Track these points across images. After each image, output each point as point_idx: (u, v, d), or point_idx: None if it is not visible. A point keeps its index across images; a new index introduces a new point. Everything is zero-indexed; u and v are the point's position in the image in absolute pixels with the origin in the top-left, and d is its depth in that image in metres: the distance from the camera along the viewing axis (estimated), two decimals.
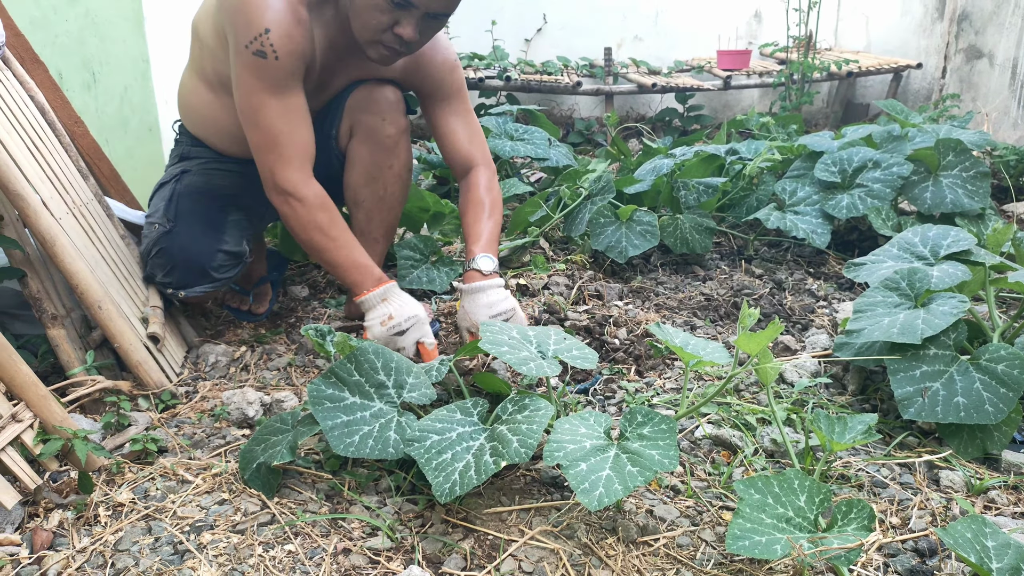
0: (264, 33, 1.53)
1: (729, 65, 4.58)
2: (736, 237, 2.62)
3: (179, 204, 1.78)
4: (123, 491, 1.30)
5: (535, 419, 1.23)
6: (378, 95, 1.80)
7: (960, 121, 3.10)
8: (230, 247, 1.78)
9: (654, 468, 1.14)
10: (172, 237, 1.75)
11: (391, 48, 1.62)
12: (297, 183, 1.62)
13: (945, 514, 1.29)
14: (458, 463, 1.20)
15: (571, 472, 1.15)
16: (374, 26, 1.58)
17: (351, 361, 1.35)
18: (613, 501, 1.10)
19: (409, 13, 1.56)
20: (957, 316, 1.48)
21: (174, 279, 1.77)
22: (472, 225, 1.82)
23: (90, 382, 1.50)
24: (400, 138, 1.84)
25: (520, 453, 1.17)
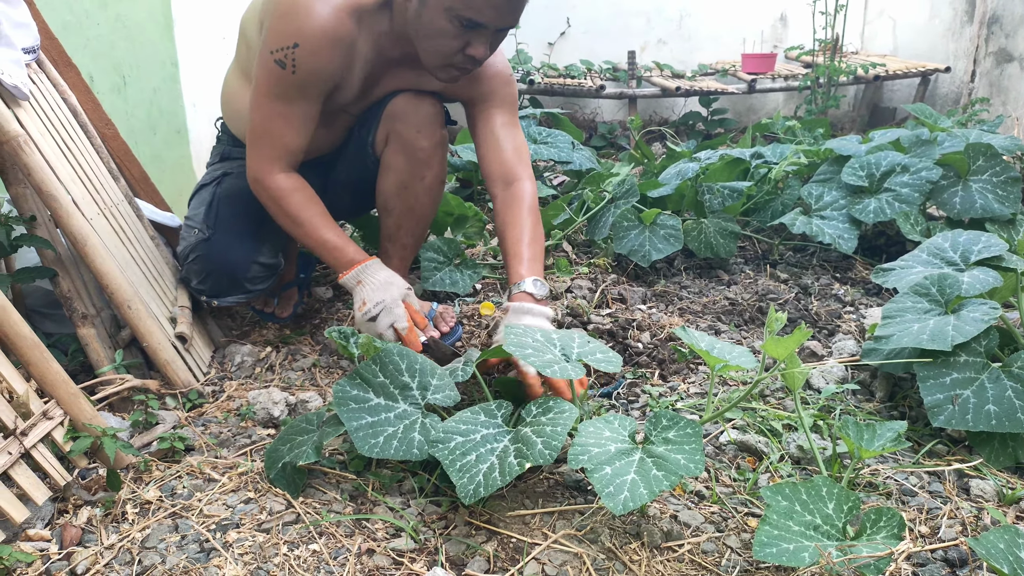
0: (292, 47, 1.53)
1: (754, 68, 4.55)
2: (761, 241, 2.60)
3: (219, 211, 1.79)
4: (150, 489, 1.31)
5: (559, 421, 1.23)
6: (417, 107, 1.78)
7: (990, 125, 3.05)
8: (265, 259, 1.79)
9: (679, 472, 1.13)
10: (210, 245, 1.76)
11: (462, 69, 1.62)
12: (265, 173, 1.65)
13: (976, 524, 1.26)
14: (482, 464, 1.20)
15: (596, 476, 1.14)
16: (446, 52, 1.57)
17: (376, 363, 1.36)
18: (638, 505, 1.10)
19: (480, 33, 1.54)
20: (988, 323, 1.46)
21: (208, 287, 1.78)
22: (518, 243, 1.71)
23: (119, 381, 1.52)
24: (435, 151, 1.83)
25: (544, 455, 1.17)
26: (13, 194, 1.55)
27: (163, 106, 2.72)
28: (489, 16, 1.51)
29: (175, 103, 2.81)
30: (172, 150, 2.80)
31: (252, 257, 1.78)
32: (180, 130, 2.85)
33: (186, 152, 2.89)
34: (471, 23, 1.51)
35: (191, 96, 2.89)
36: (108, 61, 2.38)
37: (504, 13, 1.52)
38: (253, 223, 1.80)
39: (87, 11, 2.25)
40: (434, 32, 1.54)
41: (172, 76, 2.78)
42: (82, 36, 2.22)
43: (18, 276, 1.55)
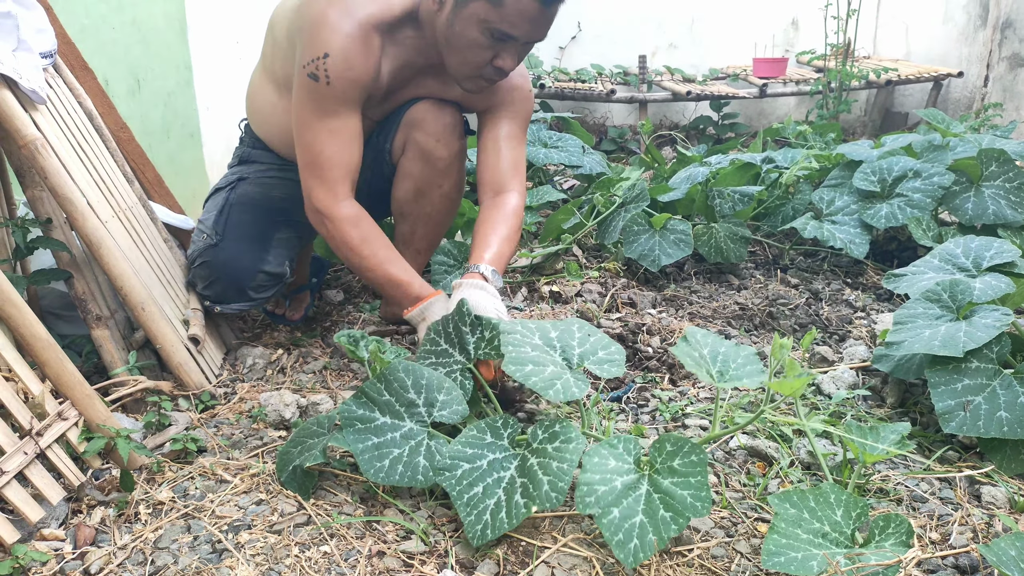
0: (323, 57, 1.53)
1: (765, 73, 4.55)
2: (771, 246, 2.59)
3: (229, 217, 1.80)
4: (163, 490, 1.33)
5: (566, 454, 1.21)
6: (436, 115, 1.78)
7: (1003, 131, 3.04)
8: (272, 268, 1.78)
9: (687, 514, 1.11)
10: (216, 252, 1.77)
11: (490, 79, 1.65)
12: (329, 203, 1.63)
13: (987, 531, 1.26)
14: (489, 499, 1.20)
15: (604, 522, 1.12)
16: (475, 62, 1.59)
17: (380, 381, 1.35)
18: (649, 556, 1.08)
19: (510, 45, 1.57)
20: (1000, 329, 1.45)
21: (213, 293, 1.79)
22: (489, 235, 1.72)
23: (132, 382, 1.54)
24: (453, 161, 1.84)
25: (551, 497, 1.16)
26: (29, 197, 1.57)
27: (177, 109, 2.74)
28: (522, 30, 1.53)
29: (189, 106, 2.83)
30: (186, 153, 2.82)
31: (258, 266, 1.78)
32: (194, 133, 2.87)
33: (199, 155, 2.91)
34: (503, 36, 1.54)
35: (205, 99, 2.92)
36: (123, 65, 2.40)
37: (537, 27, 1.55)
38: (262, 231, 1.81)
39: (103, 15, 2.27)
40: (465, 43, 1.56)
41: (186, 80, 2.81)
42: (98, 40, 2.24)
43: (34, 278, 1.57)
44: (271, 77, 1.79)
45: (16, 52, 1.54)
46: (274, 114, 1.81)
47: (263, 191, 1.85)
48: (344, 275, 2.41)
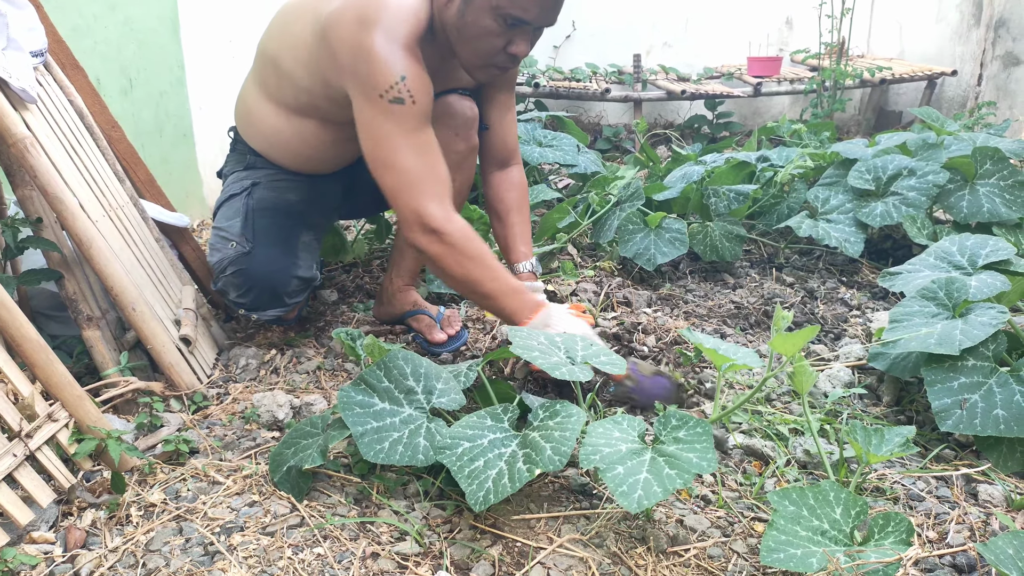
0: (401, 81, 1.50)
1: (760, 72, 4.55)
2: (767, 245, 2.59)
3: (256, 223, 1.77)
4: (155, 491, 1.31)
5: (567, 425, 1.22)
6: (457, 110, 1.79)
7: (997, 129, 3.04)
8: (303, 272, 1.78)
9: (692, 471, 1.12)
10: (251, 259, 1.74)
11: (503, 67, 1.64)
12: (443, 220, 1.53)
13: (984, 529, 1.26)
14: (491, 470, 1.19)
15: (608, 475, 1.13)
16: (488, 50, 1.58)
17: (380, 368, 1.36)
18: (653, 503, 1.09)
19: (523, 31, 1.56)
20: (996, 327, 1.45)
21: (249, 300, 1.77)
22: (522, 225, 1.89)
23: (123, 383, 1.52)
24: (468, 155, 1.84)
25: (554, 460, 1.16)
26: (20, 196, 1.55)
27: (170, 109, 2.73)
28: (534, 14, 1.53)
29: (182, 106, 2.82)
30: (178, 152, 2.80)
31: (291, 271, 1.76)
32: (186, 133, 2.86)
33: (192, 155, 2.90)
34: (516, 21, 1.53)
35: (197, 99, 2.90)
36: (116, 64, 2.38)
37: (548, 10, 1.55)
38: (288, 236, 1.80)
39: (95, 14, 2.26)
40: (478, 32, 1.55)
41: (179, 79, 2.79)
42: (90, 39, 2.23)
43: (24, 278, 1.56)
44: (277, 102, 1.76)
45: (6, 51, 1.53)
46: (281, 137, 1.80)
47: (279, 195, 1.83)
48: (337, 275, 2.40)
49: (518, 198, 1.90)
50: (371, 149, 1.56)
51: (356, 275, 2.38)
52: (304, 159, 1.83)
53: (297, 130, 1.77)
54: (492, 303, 1.57)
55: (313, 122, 1.75)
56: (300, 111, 1.74)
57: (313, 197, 1.87)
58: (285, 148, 1.82)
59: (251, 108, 1.83)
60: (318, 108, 1.71)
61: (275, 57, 1.72)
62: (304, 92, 1.69)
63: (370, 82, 1.51)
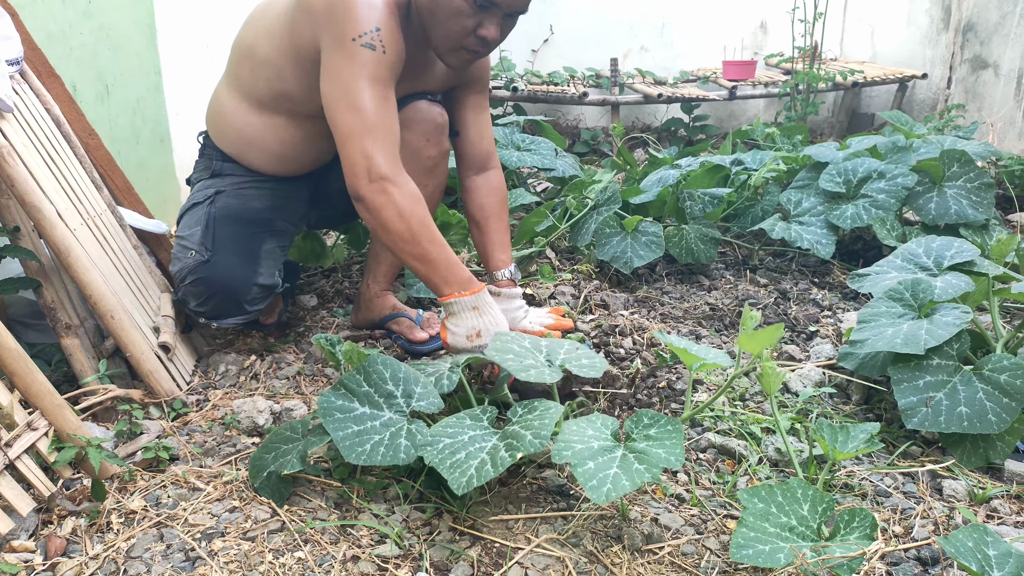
0: (375, 30, 1.53)
1: (734, 75, 4.61)
2: (741, 247, 2.63)
3: (216, 231, 1.77)
4: (135, 498, 1.32)
5: (546, 416, 1.25)
6: (426, 115, 1.80)
7: (965, 132, 3.11)
8: (264, 280, 1.78)
9: (660, 465, 1.15)
10: (210, 268, 1.74)
11: (473, 51, 1.64)
12: (396, 169, 1.53)
13: (948, 523, 1.30)
14: (472, 460, 1.21)
15: (579, 470, 1.16)
16: (458, 32, 1.60)
17: (360, 372, 1.37)
18: (620, 495, 1.11)
19: (492, 14, 1.58)
20: (960, 327, 1.49)
21: (208, 309, 1.77)
22: (501, 232, 1.90)
23: (103, 391, 1.53)
24: (440, 160, 1.86)
25: (535, 444, 1.18)
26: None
27: (147, 115, 2.72)
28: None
29: (159, 112, 2.81)
30: (156, 158, 2.80)
31: (252, 279, 1.76)
32: (164, 138, 2.85)
33: (170, 160, 2.89)
34: (486, 2, 1.55)
35: (175, 105, 2.90)
36: (92, 70, 2.38)
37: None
38: (251, 244, 1.80)
39: (71, 21, 2.25)
40: (449, 11, 1.57)
41: (156, 85, 2.79)
42: (66, 46, 2.22)
43: (2, 287, 1.56)
44: (249, 97, 1.78)
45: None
46: (253, 134, 1.80)
47: (243, 203, 1.83)
48: (317, 280, 2.41)
49: (497, 204, 1.92)
50: (331, 90, 1.54)
51: (335, 280, 2.40)
52: (274, 158, 1.84)
53: (268, 126, 1.78)
54: (424, 267, 1.54)
55: (282, 117, 1.77)
56: (271, 104, 1.75)
57: (279, 204, 1.87)
58: (255, 146, 1.83)
59: (222, 106, 1.84)
60: (290, 97, 1.72)
61: (251, 46, 1.74)
62: (277, 78, 1.70)
63: (344, 28, 1.53)
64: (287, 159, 1.85)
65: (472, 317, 1.57)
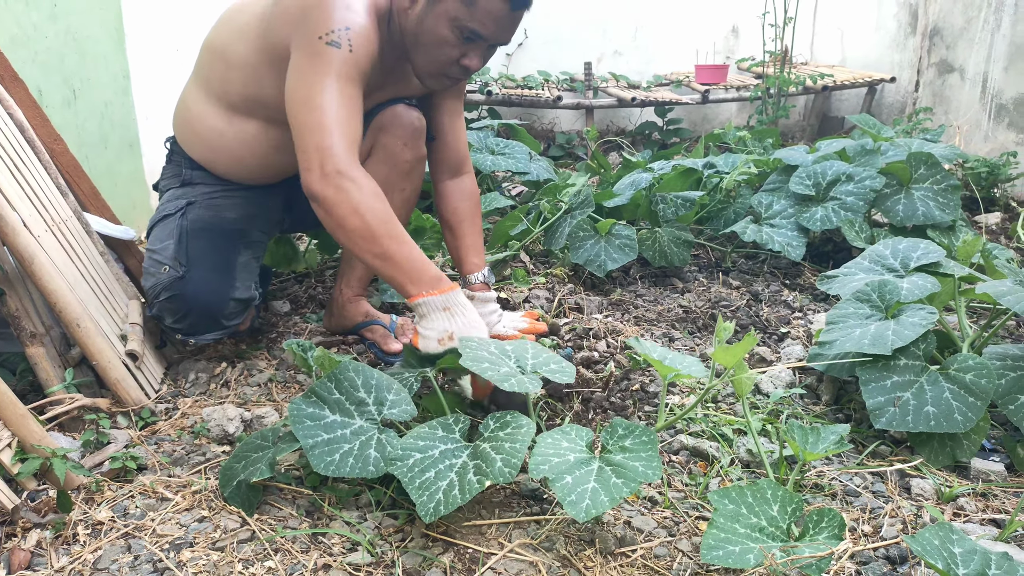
0: (344, 29, 1.51)
1: (707, 79, 4.65)
2: (714, 250, 2.65)
3: (190, 245, 1.73)
4: (102, 509, 1.30)
5: (518, 437, 1.24)
6: (404, 120, 1.80)
7: (932, 134, 3.16)
8: (240, 294, 1.75)
9: (638, 479, 1.16)
10: (186, 284, 1.70)
11: (455, 79, 1.67)
12: (348, 164, 1.45)
13: (916, 522, 1.31)
14: (442, 481, 1.21)
15: (558, 485, 1.16)
16: (444, 60, 1.60)
17: (331, 380, 1.36)
18: (601, 512, 1.12)
19: (478, 45, 1.59)
20: (926, 327, 1.52)
21: (185, 326, 1.74)
22: (474, 236, 1.90)
23: (69, 400, 1.50)
24: (417, 165, 1.85)
25: (504, 473, 1.18)
26: None
27: (115, 119, 2.69)
28: (490, 30, 1.56)
29: (127, 116, 2.78)
30: (124, 164, 2.76)
31: (229, 294, 1.73)
32: (133, 144, 2.81)
33: (139, 166, 2.86)
34: (472, 34, 1.56)
35: (144, 109, 2.86)
36: (58, 75, 2.34)
37: (504, 29, 1.58)
38: (226, 257, 1.77)
39: (35, 24, 2.21)
40: (434, 40, 1.58)
41: (124, 89, 2.75)
42: (30, 50, 2.19)
43: None
44: (219, 102, 1.75)
45: None
46: (221, 141, 1.77)
47: (216, 213, 1.80)
48: (290, 285, 2.39)
49: (470, 208, 1.91)
50: (293, 86, 1.50)
51: (309, 285, 2.38)
52: (246, 167, 1.81)
53: (239, 132, 1.75)
54: (386, 266, 1.46)
55: (256, 123, 1.74)
56: (244, 109, 1.73)
57: (253, 213, 1.84)
58: (225, 155, 1.80)
59: (192, 111, 1.80)
60: (265, 103, 1.69)
61: (224, 47, 1.71)
62: (252, 81, 1.68)
63: (313, 26, 1.51)
64: (260, 168, 1.83)
65: (443, 319, 1.48)
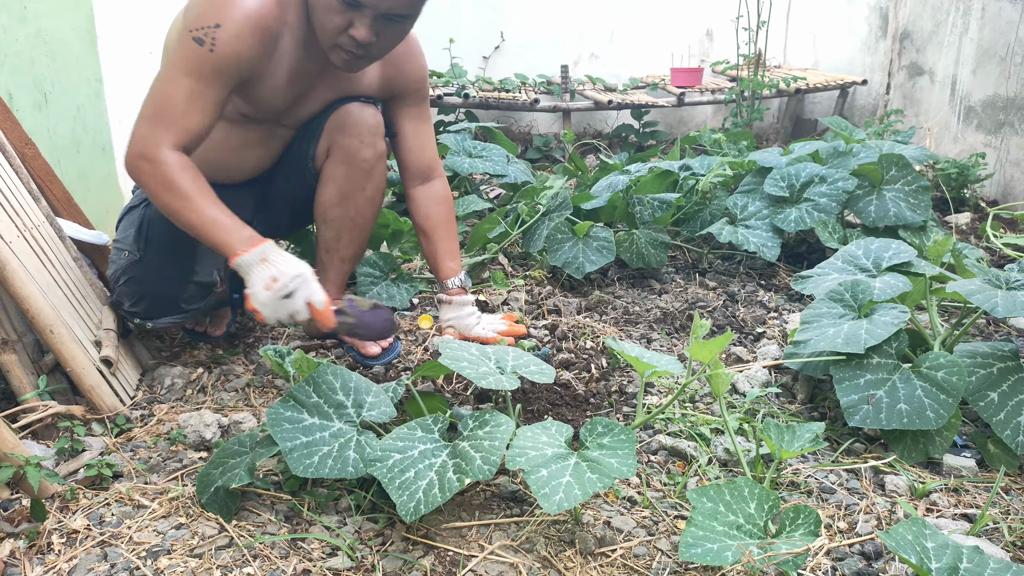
0: (213, 27, 1.50)
1: (682, 82, 4.68)
2: (691, 251, 2.68)
3: (150, 231, 1.74)
4: (77, 518, 1.28)
5: (496, 435, 1.25)
6: (358, 118, 1.78)
7: (903, 136, 3.21)
8: (201, 278, 1.74)
9: (612, 475, 1.17)
10: (142, 266, 1.71)
11: (350, 52, 1.60)
12: (161, 146, 1.49)
13: (890, 517, 1.33)
14: (421, 481, 1.21)
15: (532, 477, 1.17)
16: (331, 29, 1.57)
17: (309, 383, 1.36)
18: (572, 505, 1.13)
19: (361, 13, 1.54)
20: (898, 326, 1.54)
21: (142, 309, 1.74)
22: (449, 240, 1.90)
23: (42, 407, 1.48)
24: (377, 162, 1.83)
25: (483, 470, 1.19)
26: None
27: (88, 123, 2.65)
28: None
29: (100, 119, 2.74)
30: (98, 167, 2.72)
31: (187, 276, 1.73)
32: (105, 147, 2.78)
33: (112, 169, 2.82)
34: (351, 2, 1.52)
35: (117, 112, 2.83)
36: (28, 78, 2.31)
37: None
38: (187, 242, 1.75)
39: (5, 27, 2.18)
40: (321, 8, 1.56)
41: (97, 92, 2.72)
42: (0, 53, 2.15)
43: None
44: None
45: None
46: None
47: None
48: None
49: (443, 213, 1.91)
50: (155, 75, 1.56)
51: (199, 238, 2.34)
52: (209, 166, 1.78)
53: None
54: (202, 234, 1.51)
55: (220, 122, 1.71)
56: None
57: None
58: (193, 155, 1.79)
59: None
60: None
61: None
62: None
63: (191, 19, 1.52)
64: (223, 167, 1.82)
65: (263, 268, 1.49)
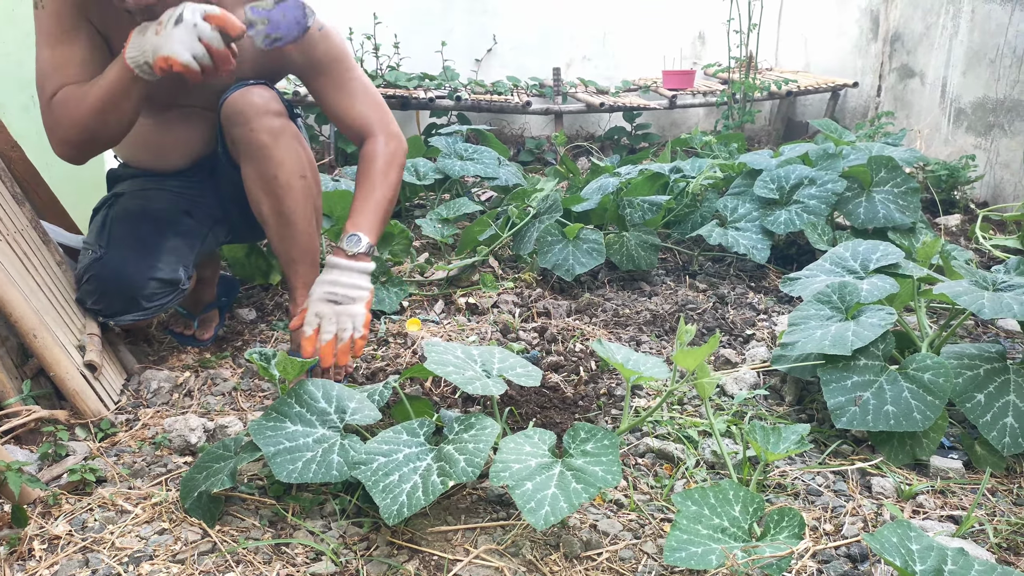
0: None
1: (674, 85, 4.69)
2: (681, 253, 2.67)
3: (112, 229, 1.75)
4: (59, 523, 1.27)
5: (481, 438, 1.25)
6: (242, 101, 1.67)
7: (894, 138, 3.22)
8: (164, 275, 1.72)
9: (598, 484, 1.16)
10: (103, 264, 1.70)
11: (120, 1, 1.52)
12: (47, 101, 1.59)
13: (876, 520, 1.33)
14: (405, 484, 1.20)
15: (517, 492, 1.16)
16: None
17: (291, 396, 1.36)
18: (559, 519, 1.12)
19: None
20: (885, 328, 1.54)
21: (104, 306, 1.73)
22: (362, 198, 1.72)
23: (25, 412, 1.47)
24: (275, 144, 1.68)
25: (467, 472, 1.18)
26: None
27: None
28: None
29: None
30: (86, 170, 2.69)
31: (148, 273, 1.70)
32: None
33: (100, 171, 2.81)
34: None
35: None
36: (15, 81, 2.30)
37: None
38: (149, 239, 1.75)
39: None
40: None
41: None
42: None
43: None
44: None
45: None
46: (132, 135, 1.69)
47: (143, 203, 1.81)
48: (256, 293, 2.36)
49: (365, 168, 1.75)
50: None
51: (275, 293, 2.36)
52: (152, 152, 1.82)
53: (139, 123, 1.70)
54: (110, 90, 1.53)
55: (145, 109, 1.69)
56: None
57: (184, 205, 1.84)
58: (132, 144, 1.78)
59: None
60: None
61: None
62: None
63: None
64: (163, 151, 1.82)
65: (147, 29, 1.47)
